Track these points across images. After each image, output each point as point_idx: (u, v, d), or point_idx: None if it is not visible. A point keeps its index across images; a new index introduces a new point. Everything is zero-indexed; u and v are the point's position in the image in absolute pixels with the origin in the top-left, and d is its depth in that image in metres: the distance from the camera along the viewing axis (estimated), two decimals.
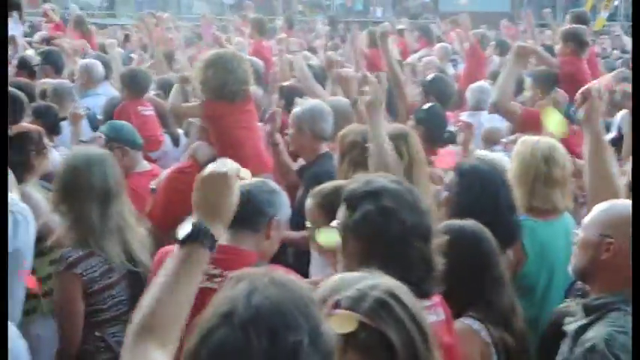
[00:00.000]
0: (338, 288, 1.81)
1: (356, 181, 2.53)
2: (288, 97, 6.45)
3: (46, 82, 6.91)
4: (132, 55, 10.14)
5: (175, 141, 6.26)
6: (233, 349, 1.37)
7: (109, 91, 7.33)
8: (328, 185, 3.53)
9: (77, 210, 3.44)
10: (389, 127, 4.17)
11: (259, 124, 4.92)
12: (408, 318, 1.78)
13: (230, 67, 4.42)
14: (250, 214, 3.01)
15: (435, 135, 5.45)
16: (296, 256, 4.29)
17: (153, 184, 4.39)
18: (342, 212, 2.47)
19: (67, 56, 8.16)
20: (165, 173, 4.53)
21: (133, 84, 6.28)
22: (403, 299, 1.80)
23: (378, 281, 1.83)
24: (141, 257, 3.54)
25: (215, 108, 4.41)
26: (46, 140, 4.36)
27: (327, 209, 2.83)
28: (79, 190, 3.44)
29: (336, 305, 1.76)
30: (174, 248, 2.00)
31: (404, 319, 1.77)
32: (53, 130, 5.36)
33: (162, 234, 3.67)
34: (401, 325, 1.77)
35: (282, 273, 1.55)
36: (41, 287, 3.92)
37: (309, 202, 3.54)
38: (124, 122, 5.11)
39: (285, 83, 7.17)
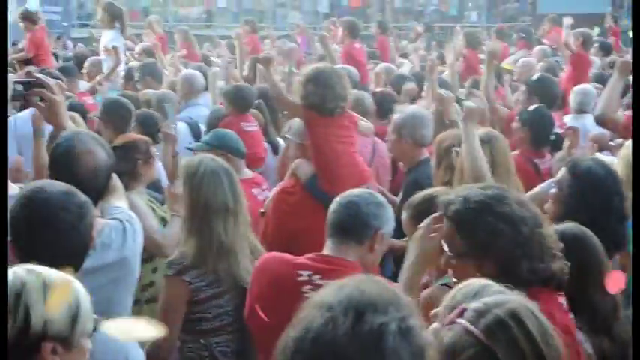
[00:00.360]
0: (470, 296, 1.81)
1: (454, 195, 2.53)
2: (382, 103, 6.42)
3: (148, 92, 7.07)
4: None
5: (275, 150, 6.27)
6: (318, 327, 1.37)
7: (209, 102, 7.45)
8: (418, 196, 3.49)
9: (198, 224, 3.50)
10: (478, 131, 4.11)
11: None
12: (526, 341, 1.74)
13: (330, 82, 4.40)
14: (356, 225, 3.03)
15: (541, 137, 5.33)
16: (398, 265, 4.25)
17: (262, 209, 4.42)
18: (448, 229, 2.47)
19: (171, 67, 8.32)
20: (271, 195, 4.53)
21: (238, 100, 6.27)
22: (526, 321, 1.76)
23: (508, 298, 1.81)
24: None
25: (315, 121, 4.41)
26: (153, 149, 4.44)
27: (419, 220, 2.80)
28: (204, 205, 3.50)
29: (461, 314, 1.76)
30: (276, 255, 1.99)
31: (520, 342, 1.74)
32: (153, 138, 5.46)
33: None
34: (515, 348, 1.73)
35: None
36: (143, 294, 4.00)
37: (403, 215, 3.51)
38: (227, 130, 5.14)
39: (378, 89, 7.15)
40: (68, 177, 2.72)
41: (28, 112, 6.06)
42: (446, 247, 2.46)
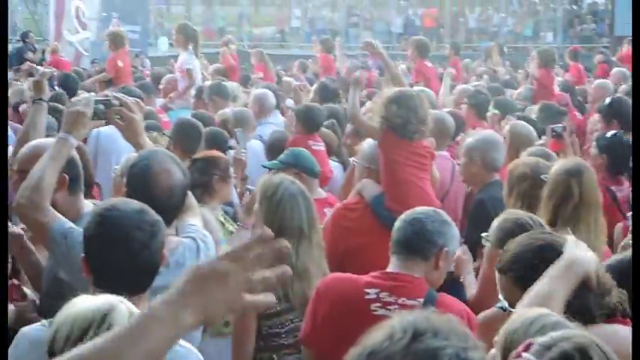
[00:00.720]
0: (526, 324, 1.82)
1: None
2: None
3: (225, 113, 7.17)
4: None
5: (346, 169, 6.28)
6: (375, 342, 1.37)
7: (279, 120, 7.52)
8: (505, 220, 3.43)
9: None
10: (565, 161, 4.03)
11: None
12: None
13: (413, 105, 4.40)
14: (421, 242, 3.05)
15: (619, 164, 5.20)
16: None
17: (321, 225, 4.42)
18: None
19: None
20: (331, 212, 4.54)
21: (308, 119, 6.31)
22: (592, 356, 1.74)
23: (574, 333, 1.80)
24: None
25: (392, 142, 4.40)
26: (231, 170, 4.49)
27: (503, 243, 2.79)
28: (278, 227, 3.48)
29: (527, 348, 1.75)
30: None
31: None
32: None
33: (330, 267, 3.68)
34: None
35: None
36: None
37: (486, 240, 3.46)
38: (302, 149, 5.17)
39: (450, 110, 7.11)
40: (144, 195, 2.77)
41: (110, 128, 6.25)
42: None
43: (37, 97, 4.28)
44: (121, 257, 2.38)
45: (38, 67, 6.31)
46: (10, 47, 17.02)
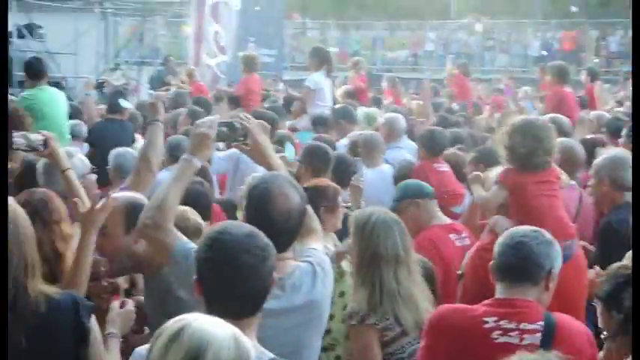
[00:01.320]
0: None
1: None
2: (592, 151, 6.14)
3: (354, 135, 7.18)
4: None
5: None
6: None
7: (409, 145, 7.45)
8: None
9: (369, 273, 3.57)
10: None
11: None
12: None
13: (539, 136, 4.25)
14: (530, 267, 3.04)
15: None
16: None
17: (460, 271, 4.32)
18: None
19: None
20: (468, 255, 4.43)
21: (431, 144, 6.37)
22: None
23: None
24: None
25: (517, 179, 4.26)
26: (340, 198, 4.47)
27: None
28: (373, 255, 3.57)
29: None
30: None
31: None
32: (342, 184, 5.49)
33: None
34: None
35: None
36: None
37: None
38: (409, 181, 5.12)
39: (589, 136, 6.86)
40: (262, 217, 2.79)
41: (224, 154, 6.43)
42: None
43: (154, 119, 4.40)
44: (230, 281, 2.38)
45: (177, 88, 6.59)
46: (153, 70, 17.76)
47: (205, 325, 1.90)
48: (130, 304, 3.19)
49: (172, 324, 1.92)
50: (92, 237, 3.24)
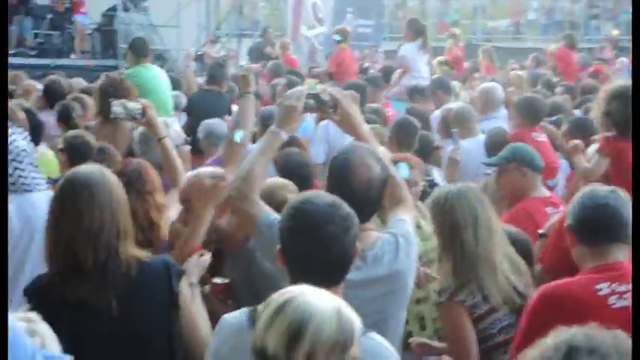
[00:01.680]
0: None
1: None
2: None
3: (444, 109, 7.11)
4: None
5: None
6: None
7: (506, 116, 7.32)
8: None
9: (451, 244, 3.51)
10: None
11: None
12: None
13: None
14: (620, 227, 3.02)
15: None
16: None
17: (542, 230, 4.22)
18: None
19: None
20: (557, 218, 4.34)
21: (529, 111, 6.22)
22: None
23: None
24: (519, 287, 3.46)
25: (617, 144, 4.14)
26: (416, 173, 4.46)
27: None
28: (451, 224, 3.51)
29: None
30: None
31: None
32: (425, 157, 5.46)
33: (551, 278, 3.53)
34: None
35: None
36: None
37: None
38: (522, 144, 4.98)
39: None
40: (343, 187, 2.80)
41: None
42: None
43: (245, 91, 4.47)
44: (313, 250, 2.40)
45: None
46: (252, 42, 17.96)
47: (309, 297, 1.93)
48: (207, 256, 3.28)
49: (278, 296, 1.96)
50: (211, 210, 3.37)
